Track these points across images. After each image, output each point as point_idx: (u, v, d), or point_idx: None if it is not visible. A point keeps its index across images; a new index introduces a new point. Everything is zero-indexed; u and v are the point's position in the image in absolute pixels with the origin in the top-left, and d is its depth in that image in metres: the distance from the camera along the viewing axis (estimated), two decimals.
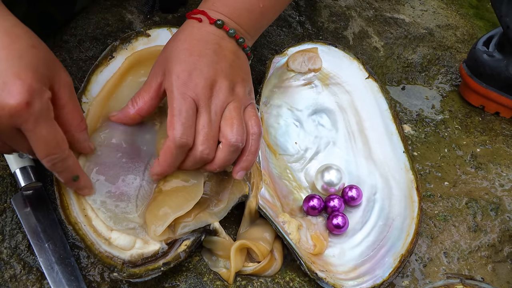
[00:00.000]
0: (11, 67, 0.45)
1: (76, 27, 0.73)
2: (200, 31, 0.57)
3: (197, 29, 0.57)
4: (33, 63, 0.46)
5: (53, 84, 0.48)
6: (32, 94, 0.45)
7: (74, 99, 0.51)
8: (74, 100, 0.51)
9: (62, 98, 0.50)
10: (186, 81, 0.54)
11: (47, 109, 0.47)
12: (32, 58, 0.46)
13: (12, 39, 0.46)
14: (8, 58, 0.45)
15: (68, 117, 0.51)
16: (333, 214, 0.63)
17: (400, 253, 0.60)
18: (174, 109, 0.53)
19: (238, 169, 0.57)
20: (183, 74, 0.54)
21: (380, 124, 0.69)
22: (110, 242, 0.54)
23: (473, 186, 0.72)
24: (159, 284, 0.56)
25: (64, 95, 0.50)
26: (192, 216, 0.57)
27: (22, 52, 0.46)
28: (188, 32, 0.57)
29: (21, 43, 0.46)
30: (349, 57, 0.72)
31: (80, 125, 0.52)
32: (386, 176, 0.67)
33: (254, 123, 0.57)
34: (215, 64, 0.55)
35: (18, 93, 0.44)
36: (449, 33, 0.92)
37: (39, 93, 0.46)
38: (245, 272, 0.58)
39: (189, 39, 0.56)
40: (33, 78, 0.45)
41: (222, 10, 0.58)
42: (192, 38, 0.56)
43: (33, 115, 0.45)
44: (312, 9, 0.86)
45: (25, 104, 0.44)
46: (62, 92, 0.49)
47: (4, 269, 0.55)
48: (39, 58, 0.47)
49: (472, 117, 0.82)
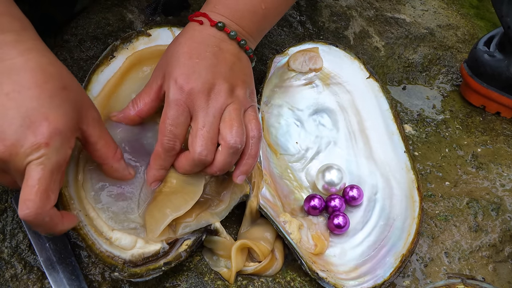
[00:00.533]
0: (41, 106, 0.46)
1: (77, 27, 0.73)
2: (201, 34, 0.57)
3: (198, 32, 0.57)
4: (63, 106, 0.47)
5: (82, 123, 0.50)
6: (54, 138, 0.46)
7: (105, 132, 0.53)
8: (105, 133, 0.53)
9: (93, 135, 0.51)
10: (183, 85, 0.54)
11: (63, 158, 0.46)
12: (63, 100, 0.47)
13: (46, 78, 0.47)
14: (40, 96, 0.46)
15: (103, 151, 0.52)
16: (334, 214, 0.63)
17: (401, 253, 0.60)
18: (166, 115, 0.54)
19: (238, 173, 0.57)
20: (181, 78, 0.54)
21: (381, 124, 0.69)
22: (111, 241, 0.54)
23: (474, 186, 0.72)
24: (160, 284, 0.56)
25: (95, 132, 0.51)
26: (193, 216, 0.57)
27: (53, 93, 0.47)
28: (189, 35, 0.57)
29: (54, 83, 0.47)
30: (350, 57, 0.72)
31: (116, 155, 0.54)
32: (387, 176, 0.67)
33: (254, 126, 0.57)
34: (214, 67, 0.55)
35: (41, 134, 0.45)
36: (450, 33, 0.92)
37: (61, 138, 0.46)
38: (246, 272, 0.58)
39: (190, 42, 0.56)
40: (60, 121, 0.46)
41: (223, 12, 0.58)
42: (192, 41, 0.56)
43: (46, 155, 0.45)
44: (313, 9, 0.86)
45: (44, 144, 0.45)
46: (92, 129, 0.51)
47: (5, 269, 0.55)
48: (69, 101, 0.48)
49: (473, 117, 0.82)
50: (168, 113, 0.54)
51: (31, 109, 0.45)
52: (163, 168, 0.57)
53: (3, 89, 0.45)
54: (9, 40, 0.47)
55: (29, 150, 0.45)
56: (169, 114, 0.54)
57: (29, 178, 0.45)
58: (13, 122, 0.45)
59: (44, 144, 0.45)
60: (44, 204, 0.45)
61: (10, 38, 0.47)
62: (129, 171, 0.56)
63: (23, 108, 0.45)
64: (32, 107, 0.45)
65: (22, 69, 0.46)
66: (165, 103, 0.55)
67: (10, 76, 0.46)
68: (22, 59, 0.46)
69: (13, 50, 0.46)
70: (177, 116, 0.54)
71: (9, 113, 0.45)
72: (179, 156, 0.56)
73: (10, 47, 0.46)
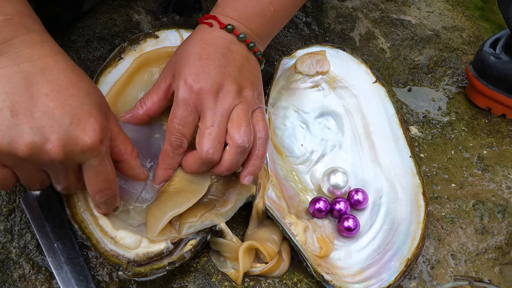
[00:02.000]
0: (83, 104, 0.47)
1: (84, 27, 0.73)
2: (210, 35, 0.57)
3: (207, 34, 0.57)
4: (98, 101, 0.49)
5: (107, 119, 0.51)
6: (103, 132, 0.48)
7: (122, 130, 0.54)
8: (122, 131, 0.54)
9: (113, 130, 0.52)
10: (192, 84, 0.54)
11: (109, 147, 0.50)
12: (97, 96, 0.50)
13: (79, 77, 0.48)
14: (79, 94, 0.47)
15: (121, 147, 0.53)
16: (344, 217, 0.63)
17: (406, 258, 0.60)
18: (174, 114, 0.55)
19: (245, 174, 0.57)
20: (191, 78, 0.54)
21: (386, 128, 0.69)
22: (116, 241, 0.54)
23: (480, 188, 0.72)
24: (168, 285, 0.57)
25: (115, 128, 0.52)
26: (198, 216, 0.57)
27: (88, 90, 0.48)
28: (199, 36, 0.58)
29: (86, 81, 0.49)
30: (357, 61, 0.72)
31: (133, 153, 0.55)
32: (392, 180, 0.67)
33: (262, 127, 0.57)
34: (223, 67, 0.56)
35: (93, 131, 0.47)
36: (455, 35, 0.92)
37: (107, 132, 0.49)
38: (253, 273, 0.59)
39: (199, 43, 0.57)
40: (101, 116, 0.48)
41: (232, 15, 0.58)
42: (202, 42, 0.57)
43: (102, 153, 0.48)
44: (319, 10, 0.86)
45: (99, 142, 0.47)
46: (113, 125, 0.52)
47: (13, 269, 0.55)
48: (100, 96, 0.50)
49: (478, 119, 0.82)
50: (176, 113, 0.55)
51: (75, 107, 0.46)
52: (171, 168, 0.57)
53: (40, 90, 0.46)
54: (36, 39, 0.47)
55: (85, 148, 0.46)
56: (177, 113, 0.55)
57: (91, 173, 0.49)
58: (63, 122, 0.45)
59: (99, 141, 0.47)
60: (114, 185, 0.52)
61: (37, 38, 0.47)
62: (143, 171, 0.57)
63: (68, 107, 0.46)
64: (76, 105, 0.47)
65: (54, 69, 0.47)
66: (174, 103, 0.56)
67: (45, 76, 0.46)
68: (52, 60, 0.47)
69: (42, 50, 0.47)
70: (185, 116, 0.55)
71: (56, 113, 0.46)
72: (186, 155, 0.57)
73: (39, 47, 0.47)
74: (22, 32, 0.47)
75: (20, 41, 0.46)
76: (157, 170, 0.58)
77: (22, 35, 0.47)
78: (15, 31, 0.46)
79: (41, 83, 0.46)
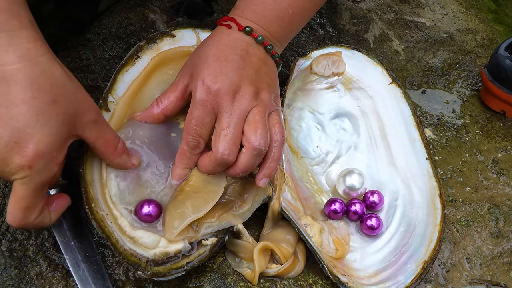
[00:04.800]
0: (27, 127, 0.45)
1: (100, 26, 0.73)
2: (229, 37, 0.57)
3: (226, 35, 0.57)
4: (50, 123, 0.46)
5: (76, 130, 0.49)
6: (38, 160, 0.46)
7: (104, 130, 0.52)
8: (104, 132, 0.52)
9: (89, 137, 0.51)
10: (210, 85, 0.54)
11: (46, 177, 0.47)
12: (50, 116, 0.46)
13: (35, 93, 0.45)
14: (26, 115, 0.45)
15: (102, 150, 0.53)
16: (366, 215, 0.63)
17: (423, 260, 0.60)
18: (191, 115, 0.55)
19: (261, 177, 0.57)
20: (209, 78, 0.55)
21: (403, 130, 0.69)
22: (135, 240, 0.54)
23: (495, 191, 0.71)
24: (184, 285, 0.57)
25: (91, 134, 0.51)
26: (216, 217, 0.57)
27: (41, 110, 0.46)
28: (217, 38, 0.58)
29: (42, 98, 0.46)
30: (372, 62, 0.72)
31: (116, 151, 0.54)
32: (408, 182, 0.66)
33: (278, 130, 0.57)
34: (241, 69, 0.56)
35: (24, 156, 0.45)
36: (469, 37, 0.92)
37: (45, 160, 0.46)
38: (269, 274, 0.59)
39: (218, 45, 0.57)
40: (45, 142, 0.46)
41: (251, 17, 0.58)
42: (220, 43, 0.57)
43: (30, 178, 0.46)
44: (333, 12, 0.86)
45: (27, 167, 0.45)
46: (88, 132, 0.50)
47: (30, 266, 0.55)
48: (57, 115, 0.47)
49: (493, 122, 0.82)
50: (193, 113, 0.55)
51: (17, 129, 0.45)
52: (188, 167, 0.58)
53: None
54: (2, 43, 0.44)
55: (13, 170, 0.45)
56: (195, 114, 0.55)
57: (14, 193, 0.47)
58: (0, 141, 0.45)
59: (27, 166, 0.45)
60: (26, 217, 0.48)
61: (3, 41, 0.44)
62: (132, 162, 0.56)
63: (9, 127, 0.45)
64: (18, 127, 0.45)
65: (11, 80, 0.45)
66: (192, 103, 0.56)
67: (0, 87, 0.45)
68: (12, 68, 0.45)
69: (5, 56, 0.44)
70: (202, 117, 0.55)
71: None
72: (202, 156, 0.57)
73: (2, 52, 0.44)
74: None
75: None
76: (174, 169, 0.58)
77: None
78: None
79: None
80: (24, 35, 0.46)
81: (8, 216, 0.48)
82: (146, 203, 0.55)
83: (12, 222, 0.48)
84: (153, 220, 0.56)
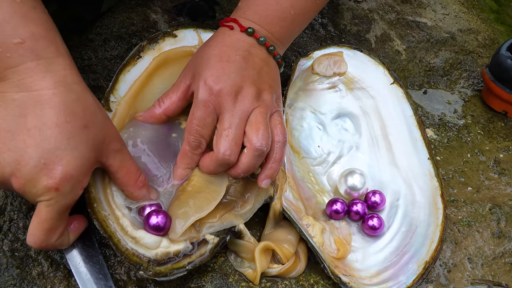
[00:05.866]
0: (57, 149, 0.46)
1: (102, 26, 0.73)
2: (231, 38, 0.57)
3: (228, 36, 0.58)
4: (79, 147, 0.47)
5: (101, 157, 0.50)
6: (65, 183, 0.46)
7: (127, 161, 0.53)
8: (127, 162, 0.53)
9: (112, 165, 0.52)
10: (212, 86, 0.55)
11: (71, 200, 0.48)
12: (81, 141, 0.47)
13: (68, 117, 0.47)
14: (57, 138, 0.46)
15: (123, 180, 0.53)
16: (368, 216, 0.63)
17: (425, 260, 0.60)
18: (193, 115, 0.55)
19: (263, 177, 0.57)
20: (211, 79, 0.55)
21: (404, 130, 0.69)
22: (137, 240, 0.54)
23: (497, 192, 0.71)
24: (185, 284, 0.57)
25: (114, 162, 0.52)
26: (217, 217, 0.57)
27: (72, 134, 0.47)
28: (219, 39, 0.58)
29: (75, 123, 0.47)
30: (374, 62, 0.72)
31: (137, 184, 0.54)
32: (410, 182, 0.66)
33: (280, 131, 0.57)
34: (243, 70, 0.56)
35: (53, 178, 0.46)
36: (471, 38, 0.92)
37: (72, 183, 0.47)
38: (270, 274, 0.59)
39: (220, 45, 0.57)
40: (73, 166, 0.47)
41: (253, 18, 0.58)
42: (222, 44, 0.57)
43: (55, 201, 0.47)
44: (335, 12, 0.86)
45: (53, 190, 0.46)
46: (112, 160, 0.51)
47: (32, 266, 0.55)
48: (88, 140, 0.48)
49: (494, 122, 0.82)
50: (195, 113, 0.55)
51: (47, 151, 0.45)
52: (189, 167, 0.58)
53: (26, 124, 0.46)
54: (41, 69, 0.46)
55: (40, 191, 0.46)
56: (197, 114, 0.55)
57: (38, 215, 0.47)
58: (29, 162, 0.45)
59: (54, 189, 0.46)
60: (48, 239, 0.49)
61: (42, 67, 0.46)
62: (150, 198, 0.56)
63: (40, 149, 0.45)
64: (49, 149, 0.46)
65: (46, 104, 0.46)
66: (193, 103, 0.56)
67: (35, 110, 0.46)
68: (48, 93, 0.46)
69: (43, 81, 0.46)
70: (204, 117, 0.55)
71: (28, 151, 0.45)
72: (204, 156, 0.57)
73: (40, 77, 0.46)
74: (31, 58, 0.46)
75: (25, 69, 0.46)
76: (176, 169, 0.58)
77: (29, 62, 0.46)
78: (24, 57, 0.46)
79: (29, 116, 0.46)
80: (61, 62, 0.48)
81: (29, 237, 0.48)
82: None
83: (33, 243, 0.48)
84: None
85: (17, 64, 0.46)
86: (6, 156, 0.45)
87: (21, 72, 0.46)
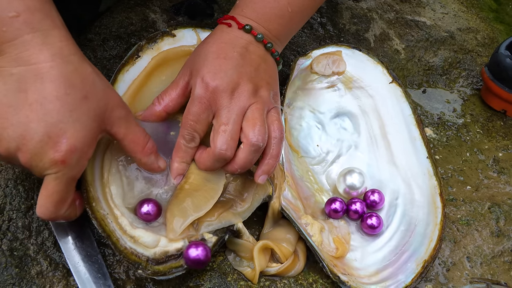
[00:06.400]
0: (60, 122, 0.46)
1: (101, 26, 0.73)
2: (228, 35, 0.58)
3: (226, 33, 0.58)
4: (82, 119, 0.48)
5: (105, 125, 0.51)
6: (71, 155, 0.47)
7: (133, 128, 0.53)
8: (133, 129, 0.53)
9: (118, 133, 0.52)
10: (209, 82, 0.55)
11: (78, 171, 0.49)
12: (83, 112, 0.48)
13: (68, 89, 0.47)
14: (60, 111, 0.46)
15: (130, 147, 0.53)
16: (367, 215, 0.63)
17: (423, 259, 0.60)
18: (189, 110, 0.56)
19: (260, 173, 0.57)
20: (208, 76, 0.55)
21: (403, 129, 0.69)
22: (136, 239, 0.54)
23: (496, 190, 0.71)
24: (184, 283, 0.57)
25: (120, 130, 0.52)
26: (216, 215, 0.57)
27: (73, 106, 0.47)
28: (217, 36, 0.58)
29: (75, 95, 0.47)
30: (373, 61, 0.72)
31: (145, 150, 0.54)
32: (408, 181, 0.66)
33: (276, 127, 0.57)
34: (240, 67, 0.56)
35: (59, 152, 0.46)
36: (470, 37, 0.92)
37: (78, 155, 0.48)
38: (269, 273, 0.59)
39: (218, 43, 0.57)
40: (77, 137, 0.47)
41: (250, 15, 0.59)
42: (220, 41, 0.57)
43: (62, 173, 0.47)
44: (334, 11, 0.86)
45: (60, 162, 0.47)
46: (117, 128, 0.52)
47: (31, 265, 0.55)
48: (88, 111, 0.48)
49: (493, 121, 0.82)
50: (190, 109, 0.56)
51: (50, 124, 0.46)
52: (184, 161, 0.58)
53: (27, 98, 0.46)
54: (37, 42, 0.46)
55: (47, 165, 0.47)
56: (192, 109, 0.56)
57: (46, 187, 0.48)
58: (34, 137, 0.46)
59: (60, 162, 0.46)
60: (58, 210, 0.50)
61: (38, 40, 0.46)
62: (158, 165, 0.57)
63: (43, 123, 0.46)
64: (52, 122, 0.46)
65: (45, 77, 0.46)
66: (190, 99, 0.57)
67: (35, 84, 0.46)
68: (46, 66, 0.46)
69: (40, 54, 0.46)
70: (199, 113, 0.55)
71: (32, 126, 0.46)
72: (201, 152, 0.57)
73: (37, 50, 0.46)
74: (27, 31, 0.46)
75: (22, 42, 0.46)
76: (172, 164, 0.58)
77: (26, 35, 0.46)
78: (19, 31, 0.46)
79: (29, 91, 0.46)
80: (57, 34, 0.48)
81: (39, 209, 0.49)
82: (145, 202, 0.56)
83: (43, 215, 0.49)
84: (153, 219, 0.56)
85: (13, 38, 0.46)
86: (10, 131, 0.46)
87: (18, 45, 0.46)
